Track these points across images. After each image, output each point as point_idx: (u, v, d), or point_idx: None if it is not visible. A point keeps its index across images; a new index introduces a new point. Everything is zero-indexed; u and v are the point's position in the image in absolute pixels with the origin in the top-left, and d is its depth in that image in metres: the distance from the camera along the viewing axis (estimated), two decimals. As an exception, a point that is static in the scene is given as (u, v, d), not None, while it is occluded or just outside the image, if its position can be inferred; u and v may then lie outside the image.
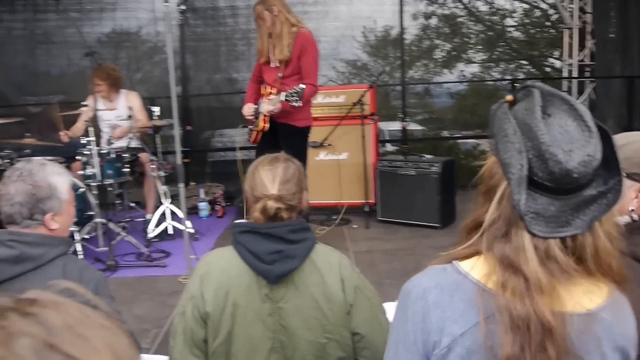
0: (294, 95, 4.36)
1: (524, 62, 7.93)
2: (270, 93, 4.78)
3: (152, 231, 5.60)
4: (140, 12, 7.40)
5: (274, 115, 4.71)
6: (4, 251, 1.94)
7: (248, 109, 4.92)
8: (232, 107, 6.99)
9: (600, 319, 1.16)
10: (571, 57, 7.34)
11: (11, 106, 7.46)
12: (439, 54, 7.75)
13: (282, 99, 4.44)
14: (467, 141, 8.01)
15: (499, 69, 7.85)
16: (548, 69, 8.01)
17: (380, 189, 5.99)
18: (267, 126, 4.75)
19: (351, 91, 6.23)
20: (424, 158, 5.90)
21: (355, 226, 6.01)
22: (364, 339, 2.00)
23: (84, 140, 5.27)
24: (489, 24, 7.61)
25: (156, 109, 5.72)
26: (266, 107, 4.61)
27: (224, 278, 1.98)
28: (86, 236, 5.24)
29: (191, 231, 5.28)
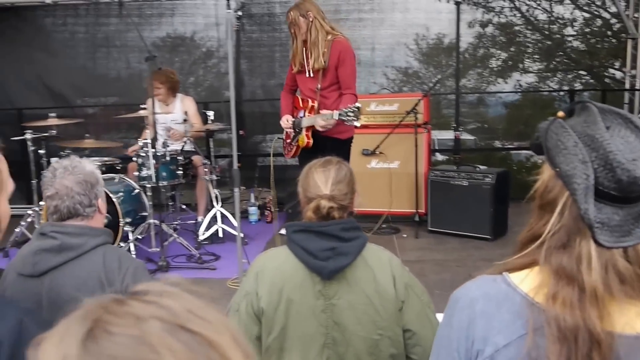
0: (350, 114, 4.22)
1: (583, 73, 7.70)
2: (312, 107, 4.65)
3: (203, 234, 5.67)
4: (197, 18, 7.53)
5: (316, 129, 4.60)
6: (48, 242, 2.04)
7: (286, 122, 4.81)
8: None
9: None
10: (635, 68, 7.12)
11: (71, 107, 7.70)
12: (493, 62, 7.62)
13: (336, 118, 4.31)
14: (520, 152, 7.84)
15: (556, 79, 7.65)
16: (608, 80, 7.77)
17: (431, 199, 5.93)
18: (311, 142, 4.65)
19: (405, 99, 6.19)
20: (477, 169, 5.80)
21: (405, 235, 5.96)
22: (415, 336, 2.05)
23: (141, 142, 5.38)
24: (547, 33, 7.45)
25: (210, 113, 5.80)
26: (320, 122, 4.45)
27: (278, 275, 2.06)
28: (139, 236, 5.34)
29: (241, 235, 5.32)
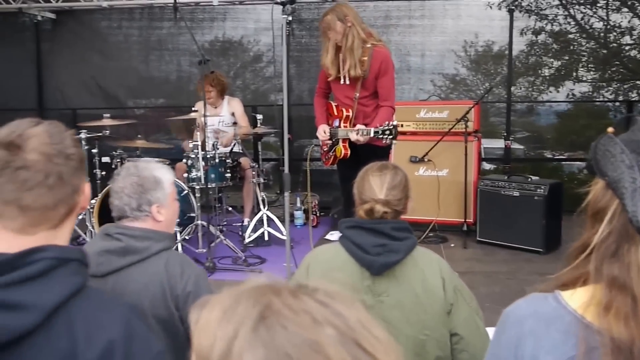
0: (387, 132, 4.20)
1: (640, 83, 7.49)
2: (347, 116, 4.62)
3: (249, 236, 5.69)
4: (248, 22, 7.62)
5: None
6: (112, 243, 2.04)
7: (324, 134, 4.78)
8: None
9: None
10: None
11: (123, 108, 7.87)
12: (546, 71, 7.47)
13: (372, 135, 4.28)
14: (572, 163, 7.65)
15: (611, 89, 7.44)
16: (666, 91, 7.52)
17: (481, 209, 5.82)
18: (349, 153, 4.64)
19: (455, 107, 6.11)
20: (529, 179, 5.67)
21: (453, 245, 5.87)
22: (463, 341, 2.06)
23: (192, 144, 5.45)
24: (602, 41, 7.26)
25: (260, 117, 5.83)
26: (354, 136, 4.42)
27: (328, 268, 2.12)
28: (186, 237, 5.40)
29: (286, 238, 5.32)
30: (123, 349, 1.18)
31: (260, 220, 5.73)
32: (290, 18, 3.98)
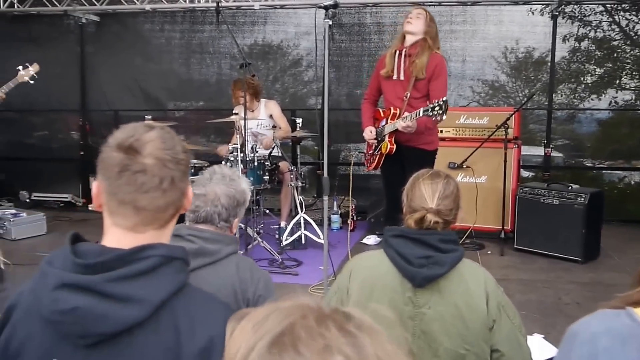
0: (437, 108, 4.15)
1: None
2: (395, 114, 4.60)
3: (286, 239, 5.73)
4: (288, 27, 7.68)
5: (400, 139, 4.57)
6: (185, 244, 2.03)
7: (370, 133, 4.77)
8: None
9: None
10: None
11: (163, 110, 8.00)
12: (588, 78, 7.35)
13: (421, 115, 4.26)
14: (612, 172, 7.51)
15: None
16: None
17: (519, 216, 5.77)
18: (394, 148, 4.61)
19: (495, 113, 6.08)
20: (570, 188, 5.59)
21: (490, 252, 5.82)
22: (504, 358, 2.02)
23: (231, 147, 5.51)
24: (648, 48, 7.12)
25: (299, 120, 5.87)
26: (401, 123, 4.41)
27: (370, 275, 2.08)
28: (224, 238, 5.45)
29: (323, 242, 5.35)
30: (222, 345, 1.22)
31: (298, 224, 5.77)
32: (330, 22, 3.99)
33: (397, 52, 4.63)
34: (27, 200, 7.93)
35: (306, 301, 0.74)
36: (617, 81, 7.28)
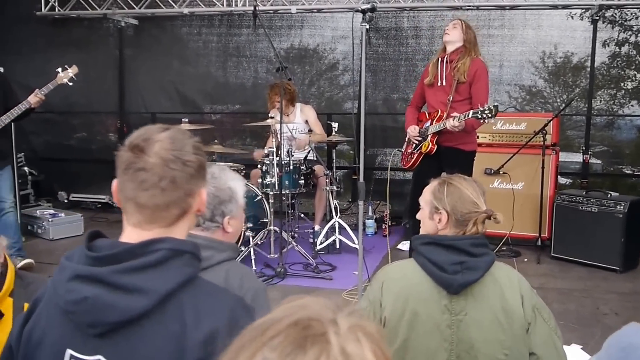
0: (487, 112, 4.29)
1: None
2: (440, 116, 4.72)
3: (321, 243, 5.73)
4: (325, 30, 7.69)
5: (441, 140, 4.69)
6: None
7: (414, 130, 4.89)
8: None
9: None
10: None
11: (200, 113, 8.08)
12: (628, 84, 7.20)
13: (470, 116, 4.39)
14: (653, 180, 7.35)
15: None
16: None
17: (556, 224, 5.70)
18: (435, 148, 4.73)
19: (534, 119, 6.01)
20: (609, 195, 5.49)
21: (526, 260, 5.75)
22: None
23: (267, 150, 5.54)
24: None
25: (335, 125, 5.87)
26: (451, 122, 4.51)
27: (403, 286, 2.04)
28: (259, 242, 5.48)
29: (357, 247, 5.34)
30: (225, 335, 1.24)
31: (332, 228, 5.78)
32: (368, 26, 4.01)
33: (440, 59, 4.78)
34: (66, 201, 8.10)
35: (326, 301, 0.80)
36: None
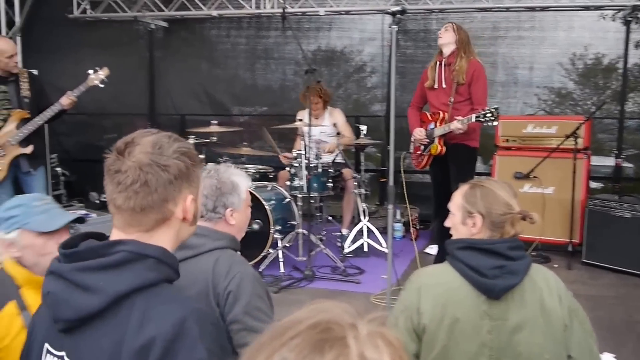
0: (489, 115, 4.40)
1: None
2: (442, 118, 4.86)
3: (349, 246, 5.72)
4: (353, 32, 7.68)
5: (447, 138, 4.84)
6: None
7: (420, 133, 5.02)
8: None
9: None
10: None
11: (228, 115, 8.13)
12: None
13: (473, 120, 4.51)
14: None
15: None
16: None
17: (588, 229, 5.61)
18: (444, 149, 4.86)
19: (564, 122, 5.90)
20: (644, 200, 5.40)
21: (556, 265, 5.66)
22: None
23: (295, 153, 5.55)
24: None
25: (363, 127, 5.85)
26: (456, 124, 4.62)
27: (442, 291, 2.00)
28: (287, 244, 5.49)
29: (386, 251, 5.32)
30: (163, 346, 1.23)
31: (360, 231, 5.76)
32: (397, 28, 4.01)
33: (438, 63, 4.93)
34: (97, 202, 8.20)
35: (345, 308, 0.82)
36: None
